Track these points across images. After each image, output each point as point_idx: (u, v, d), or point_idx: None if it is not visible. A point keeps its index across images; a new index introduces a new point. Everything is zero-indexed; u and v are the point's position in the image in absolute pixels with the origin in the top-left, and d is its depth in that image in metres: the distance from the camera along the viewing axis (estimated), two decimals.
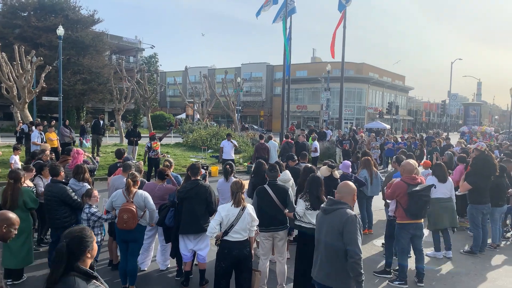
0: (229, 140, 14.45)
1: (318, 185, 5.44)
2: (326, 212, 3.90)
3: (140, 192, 5.54)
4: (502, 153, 12.25)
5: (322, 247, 3.85)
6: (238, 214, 4.68)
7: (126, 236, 5.46)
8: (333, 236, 3.73)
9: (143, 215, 5.51)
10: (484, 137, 30.39)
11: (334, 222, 3.74)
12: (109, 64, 40.24)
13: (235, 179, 5.30)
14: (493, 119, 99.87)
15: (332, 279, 3.76)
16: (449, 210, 7.02)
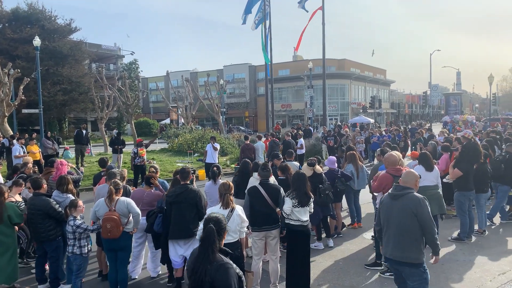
0: (212, 143, 14.40)
1: (303, 181, 5.50)
2: (395, 198, 4.37)
3: (122, 199, 5.47)
4: (484, 140, 12.48)
5: (395, 227, 4.33)
6: (227, 216, 4.64)
7: (113, 245, 5.39)
8: (406, 217, 4.24)
9: (128, 222, 5.44)
10: (466, 125, 30.93)
11: (406, 205, 4.25)
12: (89, 72, 39.71)
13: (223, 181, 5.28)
14: (474, 107, 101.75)
15: (406, 254, 4.25)
16: (437, 197, 7.12)
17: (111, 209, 5.31)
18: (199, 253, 2.94)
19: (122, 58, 52.22)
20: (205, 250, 2.92)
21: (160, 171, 15.05)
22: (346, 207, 9.02)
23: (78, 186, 7.96)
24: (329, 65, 52.61)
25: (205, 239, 2.97)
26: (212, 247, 2.94)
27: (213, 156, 14.28)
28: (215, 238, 2.97)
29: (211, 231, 2.98)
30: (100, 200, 5.53)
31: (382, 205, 4.56)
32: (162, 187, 6.72)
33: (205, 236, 2.98)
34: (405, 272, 4.38)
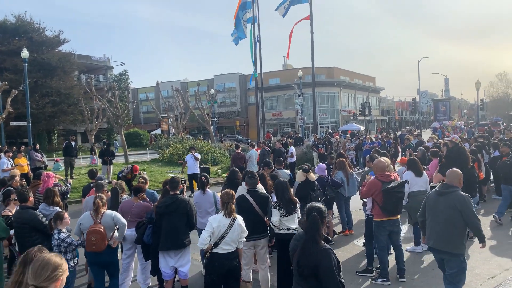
0: (192, 153, 14.01)
1: (284, 188, 5.49)
2: (442, 194, 4.86)
3: (108, 212, 5.40)
4: (472, 145, 12.62)
5: (442, 221, 4.78)
6: (229, 225, 4.59)
7: (99, 259, 5.30)
8: (452, 212, 4.71)
9: (112, 236, 5.36)
10: (455, 131, 31.25)
11: (453, 202, 4.72)
12: (78, 84, 39.53)
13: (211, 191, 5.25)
14: (463, 113, 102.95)
15: (451, 245, 4.74)
16: None
17: (96, 221, 5.23)
18: (308, 238, 3.41)
19: (111, 69, 52.08)
20: (313, 236, 3.39)
21: (151, 182, 15.07)
22: (337, 215, 9.03)
23: (66, 198, 7.86)
24: (319, 73, 53.01)
25: (311, 226, 3.44)
26: (318, 232, 3.41)
27: (195, 167, 13.86)
28: (319, 225, 3.41)
29: (316, 219, 3.44)
30: (85, 214, 5.45)
31: (428, 200, 5.05)
32: (152, 198, 6.66)
33: (310, 223, 3.44)
34: (446, 260, 4.85)
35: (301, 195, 7.25)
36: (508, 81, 74.17)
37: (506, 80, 74.33)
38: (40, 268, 2.28)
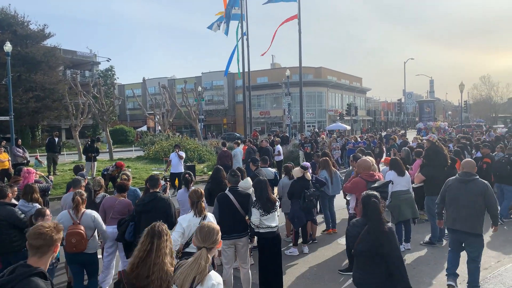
0: (177, 152, 13.54)
1: (264, 188, 5.49)
2: (465, 182, 5.45)
3: (88, 212, 5.29)
4: (455, 146, 12.82)
5: (467, 206, 5.36)
6: (199, 223, 4.54)
7: (77, 258, 5.20)
8: (476, 197, 5.33)
9: (93, 236, 5.27)
10: (439, 132, 31.74)
11: (476, 188, 5.36)
12: (64, 79, 38.84)
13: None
14: (447, 114, 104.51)
15: (476, 227, 5.36)
16: (409, 201, 7.26)
17: (75, 222, 5.10)
18: (373, 223, 3.81)
19: (97, 65, 51.35)
20: (378, 219, 3.82)
21: (135, 179, 14.93)
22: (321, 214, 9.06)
23: (47, 195, 7.74)
24: (306, 73, 53.21)
25: (374, 210, 3.84)
26: (381, 215, 3.85)
27: (179, 166, 13.40)
28: (380, 210, 3.85)
29: (377, 204, 3.87)
30: (63, 212, 5.33)
31: (450, 188, 5.63)
32: (134, 195, 6.59)
33: (373, 208, 3.84)
34: (469, 240, 5.46)
35: (294, 191, 7.29)
36: (491, 84, 75.54)
37: (489, 82, 75.68)
38: (208, 233, 2.89)
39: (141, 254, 2.92)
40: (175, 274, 2.75)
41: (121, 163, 12.23)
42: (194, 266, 2.69)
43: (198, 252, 2.77)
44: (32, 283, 2.42)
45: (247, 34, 27.35)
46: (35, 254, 2.60)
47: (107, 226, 5.91)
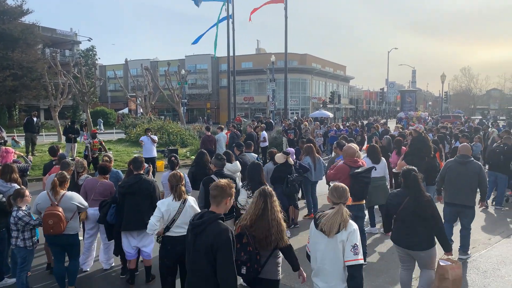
0: (149, 135, 12.87)
1: (258, 171, 5.53)
2: (463, 163, 6.36)
3: (69, 194, 5.19)
4: (435, 136, 13.08)
5: (465, 183, 6.27)
6: (179, 208, 4.46)
7: (58, 240, 5.12)
8: (473, 176, 6.28)
9: (73, 217, 5.18)
10: (419, 121, 32.22)
11: (472, 169, 6.30)
12: (43, 58, 37.69)
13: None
14: (427, 104, 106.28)
15: (471, 200, 6.32)
16: (383, 188, 7.42)
17: (54, 203, 5.00)
18: (416, 193, 4.53)
19: (78, 44, 50.01)
20: (419, 190, 4.53)
21: (117, 162, 14.76)
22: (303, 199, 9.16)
23: (26, 175, 7.57)
24: (291, 60, 53.11)
25: (416, 182, 4.58)
26: (422, 187, 4.63)
27: (152, 150, 12.80)
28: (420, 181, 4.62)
29: (417, 177, 4.61)
30: (42, 193, 5.22)
31: (450, 168, 6.49)
32: (116, 177, 6.52)
33: (414, 180, 4.58)
34: (465, 212, 6.35)
35: (277, 177, 7.34)
36: (471, 76, 77.16)
37: (469, 74, 77.28)
38: (342, 191, 3.54)
39: (257, 211, 3.61)
40: (321, 222, 3.41)
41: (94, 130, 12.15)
42: (338, 216, 3.38)
43: (337, 206, 3.44)
44: (220, 224, 3.18)
45: (232, 18, 27.09)
46: (214, 203, 3.33)
47: (93, 208, 5.85)
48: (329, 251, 3.39)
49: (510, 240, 7.45)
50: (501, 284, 5.62)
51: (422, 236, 4.52)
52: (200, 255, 3.13)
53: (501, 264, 6.28)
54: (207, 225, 3.14)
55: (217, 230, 3.12)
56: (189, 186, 6.67)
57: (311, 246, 3.63)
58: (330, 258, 3.40)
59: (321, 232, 3.41)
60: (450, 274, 4.48)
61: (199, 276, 3.16)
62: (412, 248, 4.63)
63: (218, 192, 3.31)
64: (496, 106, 72.63)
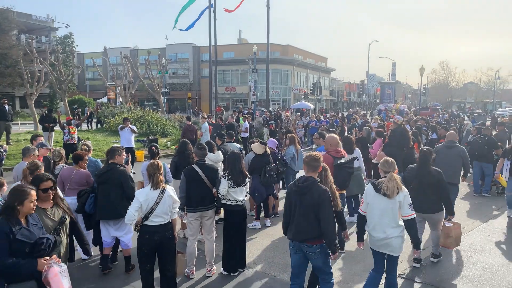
0: (126, 125, 12.44)
1: (238, 160, 5.55)
2: (450, 148, 7.61)
3: None
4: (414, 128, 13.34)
5: (453, 164, 7.40)
6: (158, 197, 4.45)
7: None
8: (458, 158, 7.47)
9: None
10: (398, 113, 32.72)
11: (458, 152, 7.52)
12: (18, 44, 36.53)
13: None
14: (406, 97, 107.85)
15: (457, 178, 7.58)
16: (357, 178, 7.51)
17: None
18: (426, 166, 5.70)
19: (55, 31, 48.60)
20: (427, 164, 5.71)
21: (95, 151, 14.51)
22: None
23: (1, 164, 7.39)
24: (273, 50, 52.91)
25: (426, 157, 5.74)
26: (430, 162, 5.78)
27: (131, 141, 12.41)
28: (429, 158, 5.75)
29: (426, 153, 5.79)
30: (16, 183, 5.09)
31: (438, 152, 7.54)
32: (95, 166, 6.43)
33: (424, 155, 5.75)
34: (451, 189, 6.75)
35: (255, 167, 7.37)
36: (449, 69, 78.49)
37: (447, 68, 78.59)
38: (392, 162, 4.55)
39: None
40: (382, 187, 4.35)
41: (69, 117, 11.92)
42: (394, 182, 4.34)
43: (389, 174, 4.40)
44: (321, 186, 4.12)
45: (214, 7, 26.79)
46: (313, 170, 4.23)
47: (65, 197, 5.75)
48: (389, 209, 4.37)
49: (482, 228, 7.70)
50: (473, 271, 5.82)
51: (433, 201, 5.50)
52: (307, 208, 4.06)
53: (473, 252, 6.50)
54: (312, 187, 4.05)
55: (321, 190, 4.06)
56: (170, 176, 6.64)
57: (370, 207, 4.50)
58: (388, 214, 4.37)
59: (382, 195, 4.35)
60: (453, 233, 5.76)
61: (307, 223, 4.08)
62: (425, 211, 5.70)
63: (318, 162, 4.24)
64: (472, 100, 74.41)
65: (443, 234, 5.77)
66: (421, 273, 5.68)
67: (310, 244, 4.10)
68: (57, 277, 3.27)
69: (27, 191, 3.36)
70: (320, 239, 4.09)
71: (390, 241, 4.38)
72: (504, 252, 6.54)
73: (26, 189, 3.38)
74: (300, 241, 4.15)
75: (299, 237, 4.13)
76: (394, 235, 4.37)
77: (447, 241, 5.78)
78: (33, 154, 5.95)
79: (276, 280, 5.47)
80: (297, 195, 4.13)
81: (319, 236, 4.07)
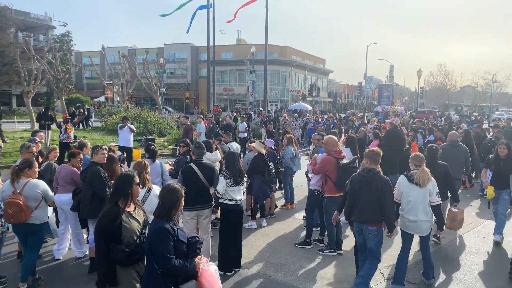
0: (125, 124, 12.25)
1: (236, 160, 5.54)
2: (455, 147, 8.18)
3: (34, 181, 4.91)
4: (410, 129, 13.39)
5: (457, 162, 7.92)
6: (144, 196, 4.46)
7: (20, 229, 4.93)
8: (462, 156, 8.09)
9: (38, 206, 4.91)
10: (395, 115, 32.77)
11: (461, 150, 8.15)
12: (15, 42, 36.36)
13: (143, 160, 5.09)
14: (404, 99, 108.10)
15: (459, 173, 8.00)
16: None
17: (15, 192, 4.77)
18: (433, 161, 6.19)
19: (53, 29, 48.36)
20: (436, 158, 6.21)
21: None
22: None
23: None
24: (272, 51, 52.97)
25: (433, 152, 6.38)
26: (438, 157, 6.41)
27: (130, 140, 12.28)
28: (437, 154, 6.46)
29: (434, 149, 6.43)
30: (7, 182, 5.01)
31: (445, 151, 7.95)
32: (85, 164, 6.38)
33: (431, 151, 6.37)
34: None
35: (256, 166, 7.38)
36: (446, 72, 78.63)
37: (444, 71, 78.73)
38: (421, 157, 5.27)
39: None
40: (415, 178, 5.04)
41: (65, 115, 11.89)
42: (425, 173, 5.05)
43: (421, 167, 5.12)
44: (383, 176, 4.85)
45: (213, 7, 26.77)
46: (375, 163, 4.93)
47: (58, 194, 5.74)
48: (420, 196, 5.04)
49: (477, 230, 7.73)
50: (468, 273, 5.83)
51: (441, 191, 5.56)
52: (372, 195, 4.76)
53: (468, 254, 6.52)
54: (376, 177, 4.81)
55: (384, 180, 4.82)
56: (167, 175, 6.62)
57: (404, 194, 5.14)
58: (420, 201, 5.04)
59: (415, 184, 5.02)
60: (458, 217, 6.47)
61: (370, 207, 4.78)
62: None
63: (379, 156, 4.99)
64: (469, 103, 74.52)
65: (449, 218, 6.46)
66: (415, 274, 5.69)
67: (370, 226, 4.82)
68: (212, 277, 3.34)
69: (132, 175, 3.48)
70: (378, 222, 4.82)
71: (420, 224, 5.07)
72: (499, 254, 6.56)
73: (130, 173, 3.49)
74: (362, 223, 4.88)
75: (362, 219, 4.86)
76: (424, 219, 5.06)
77: (452, 224, 6.48)
78: (27, 152, 5.89)
79: (271, 280, 5.46)
80: (362, 184, 4.86)
81: (378, 220, 4.80)
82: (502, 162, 6.81)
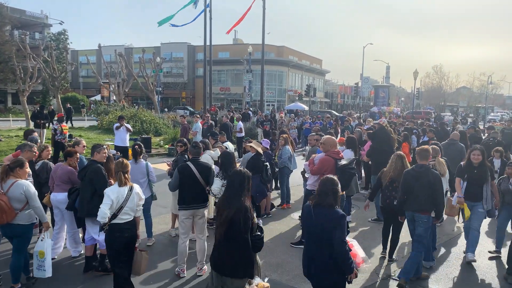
0: (122, 123, 12.10)
1: (231, 159, 5.53)
2: (452, 144, 9.08)
3: (21, 183, 4.75)
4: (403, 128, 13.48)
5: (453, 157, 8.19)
6: (127, 194, 4.50)
7: (6, 231, 4.85)
8: (457, 153, 8.79)
9: (24, 208, 4.77)
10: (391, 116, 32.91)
11: (458, 148, 9.01)
12: (11, 40, 36.14)
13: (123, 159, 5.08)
14: (400, 100, 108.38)
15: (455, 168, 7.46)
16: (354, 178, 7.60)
17: (0, 191, 4.66)
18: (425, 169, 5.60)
19: (49, 27, 48.15)
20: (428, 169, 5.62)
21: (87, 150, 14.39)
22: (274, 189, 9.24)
23: None
24: (269, 51, 52.95)
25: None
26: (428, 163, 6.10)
27: (126, 139, 12.12)
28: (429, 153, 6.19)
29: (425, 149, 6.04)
30: None
31: (446, 149, 8.51)
32: (81, 163, 6.35)
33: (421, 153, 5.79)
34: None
35: (254, 166, 7.38)
36: (442, 73, 78.95)
37: (440, 72, 79.04)
38: (436, 150, 6.48)
39: (398, 167, 5.97)
40: (438, 170, 5.92)
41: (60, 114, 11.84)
42: (442, 163, 6.28)
43: (436, 158, 6.13)
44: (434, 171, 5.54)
45: (210, 7, 26.73)
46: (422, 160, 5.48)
47: (54, 193, 5.73)
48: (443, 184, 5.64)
49: None
50: (462, 273, 5.87)
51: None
52: (425, 187, 5.28)
53: (463, 254, 6.56)
54: (428, 171, 5.37)
55: (435, 174, 5.41)
56: (153, 176, 6.56)
57: None
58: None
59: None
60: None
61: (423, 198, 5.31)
62: None
63: (428, 153, 5.63)
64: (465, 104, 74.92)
65: (448, 205, 6.68)
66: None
67: (422, 214, 5.35)
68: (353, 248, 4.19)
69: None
70: (429, 211, 5.36)
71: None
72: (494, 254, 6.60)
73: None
74: (414, 211, 5.42)
75: (415, 207, 5.38)
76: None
77: (451, 211, 6.76)
78: (29, 151, 5.86)
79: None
80: (415, 178, 5.37)
81: (429, 209, 5.34)
82: (476, 170, 6.10)
